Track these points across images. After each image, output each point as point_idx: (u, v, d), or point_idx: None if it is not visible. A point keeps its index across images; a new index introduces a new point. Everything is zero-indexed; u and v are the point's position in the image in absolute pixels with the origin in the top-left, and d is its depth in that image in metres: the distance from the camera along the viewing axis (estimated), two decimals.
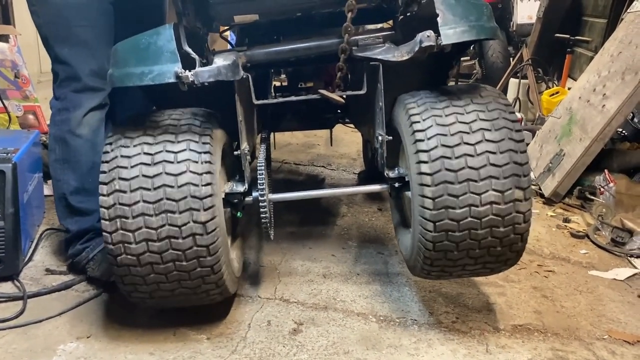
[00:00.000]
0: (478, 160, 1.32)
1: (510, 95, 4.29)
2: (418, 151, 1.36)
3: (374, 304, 1.71)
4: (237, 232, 1.75)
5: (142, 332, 1.53)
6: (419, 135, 1.36)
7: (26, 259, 1.89)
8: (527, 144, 3.36)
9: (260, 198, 1.56)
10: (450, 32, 1.34)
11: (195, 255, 1.34)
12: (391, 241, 2.12)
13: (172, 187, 1.30)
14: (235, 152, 1.56)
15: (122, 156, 1.34)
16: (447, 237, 1.36)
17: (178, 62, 1.33)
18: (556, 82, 4.44)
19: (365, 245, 2.12)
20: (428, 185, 1.33)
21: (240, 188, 1.57)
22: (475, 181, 1.32)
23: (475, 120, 1.36)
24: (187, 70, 1.33)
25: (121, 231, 1.31)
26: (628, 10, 2.93)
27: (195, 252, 1.33)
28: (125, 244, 1.32)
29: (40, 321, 1.57)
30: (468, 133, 1.34)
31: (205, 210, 1.32)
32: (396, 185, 1.60)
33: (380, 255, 2.02)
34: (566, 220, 2.45)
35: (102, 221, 1.33)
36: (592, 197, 2.53)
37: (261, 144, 1.88)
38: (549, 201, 2.65)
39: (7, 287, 1.74)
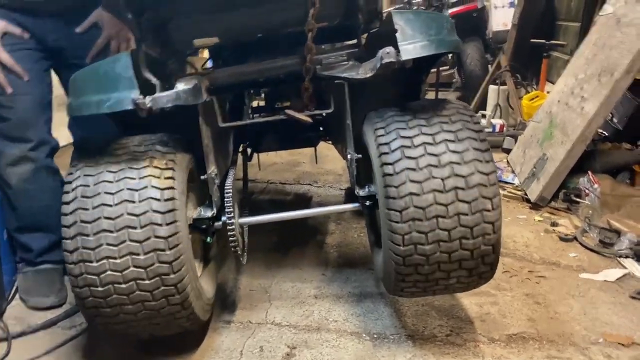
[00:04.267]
0: (443, 171, 1.31)
1: (491, 101, 4.33)
2: (385, 173, 1.35)
3: (367, 322, 1.69)
4: (209, 258, 1.72)
5: None
6: (385, 156, 1.35)
7: (9, 297, 1.85)
8: (510, 150, 3.39)
9: (228, 222, 1.54)
10: (410, 47, 1.34)
11: (163, 295, 1.31)
12: None
13: (134, 228, 1.27)
14: (202, 177, 1.53)
15: (82, 197, 1.30)
16: (418, 252, 1.35)
17: (136, 89, 1.31)
18: (535, 87, 4.49)
19: (356, 262, 2.10)
20: (395, 200, 1.32)
21: (209, 213, 1.54)
22: (441, 191, 1.31)
23: (438, 132, 1.36)
24: (146, 96, 1.31)
25: (86, 275, 1.29)
26: (599, 14, 2.98)
27: (162, 291, 1.31)
28: (91, 287, 1.29)
29: None
30: (432, 144, 1.34)
31: (170, 249, 1.29)
32: (367, 203, 1.58)
33: (371, 272, 2.01)
34: (554, 224, 2.45)
35: (67, 265, 1.30)
36: (578, 200, 2.54)
37: (230, 167, 1.85)
38: (535, 206, 2.65)
39: None
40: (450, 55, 5.64)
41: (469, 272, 1.39)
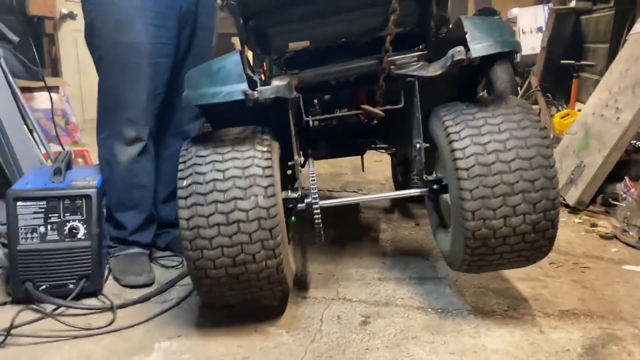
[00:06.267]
0: (508, 155, 1.50)
1: None
2: (455, 158, 1.53)
3: (430, 299, 1.86)
4: (289, 238, 1.92)
5: (225, 331, 1.68)
6: (455, 143, 1.54)
7: (105, 276, 2.06)
8: None
9: (313, 202, 1.74)
10: (479, 46, 1.55)
11: (263, 258, 1.51)
12: (435, 250, 2.28)
13: (242, 199, 1.48)
14: (290, 163, 1.76)
15: (196, 173, 1.52)
16: (486, 227, 1.52)
17: (245, 83, 1.54)
18: (565, 106, 4.68)
19: (411, 253, 2.28)
20: (465, 181, 1.50)
21: (295, 194, 1.75)
22: (507, 172, 1.49)
23: (502, 122, 1.55)
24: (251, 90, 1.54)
25: (199, 239, 1.49)
26: (630, 32, 3.18)
27: (263, 255, 1.50)
28: (203, 250, 1.49)
29: (132, 326, 1.72)
30: (497, 132, 1.53)
31: (270, 218, 1.49)
32: (435, 187, 1.77)
33: (427, 261, 2.19)
34: (593, 225, 2.61)
35: (182, 232, 1.51)
36: (616, 203, 2.69)
37: (309, 158, 2.07)
38: (574, 210, 2.81)
39: (93, 302, 1.90)
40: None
41: (531, 245, 1.56)
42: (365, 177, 3.59)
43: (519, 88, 5.20)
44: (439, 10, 1.60)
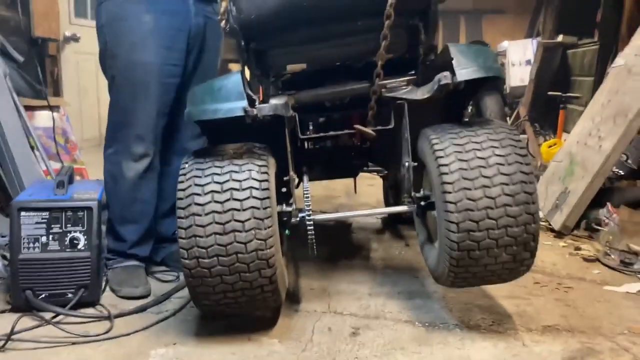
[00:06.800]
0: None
1: None
2: (441, 174, 1.62)
3: (418, 314, 1.92)
4: (283, 250, 1.98)
5: (220, 339, 1.74)
6: (441, 161, 1.63)
7: (102, 287, 2.11)
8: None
9: (307, 216, 1.82)
10: (464, 71, 1.65)
11: (257, 267, 1.58)
12: (424, 268, 2.34)
13: (238, 210, 1.56)
14: (285, 178, 1.84)
15: (195, 185, 1.60)
16: (470, 239, 1.59)
17: (245, 100, 1.64)
18: (552, 136, 4.82)
19: (401, 271, 2.35)
20: (450, 194, 1.58)
21: (290, 208, 1.83)
22: (489, 186, 1.57)
23: (488, 147, 1.63)
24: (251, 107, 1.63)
25: (196, 248, 1.56)
26: (612, 66, 3.33)
27: (257, 264, 1.57)
28: (200, 259, 1.56)
29: (129, 334, 1.77)
30: (483, 159, 1.61)
31: (265, 229, 1.56)
32: (422, 204, 1.86)
33: (416, 278, 2.26)
34: (577, 249, 2.69)
35: (180, 240, 1.57)
36: (599, 228, 2.79)
37: (304, 174, 2.17)
38: (559, 234, 2.90)
39: (91, 311, 1.95)
40: (470, 109, 6.04)
41: (513, 258, 1.63)
42: (358, 199, 3.68)
43: (507, 118, 5.36)
44: (427, 38, 1.71)
